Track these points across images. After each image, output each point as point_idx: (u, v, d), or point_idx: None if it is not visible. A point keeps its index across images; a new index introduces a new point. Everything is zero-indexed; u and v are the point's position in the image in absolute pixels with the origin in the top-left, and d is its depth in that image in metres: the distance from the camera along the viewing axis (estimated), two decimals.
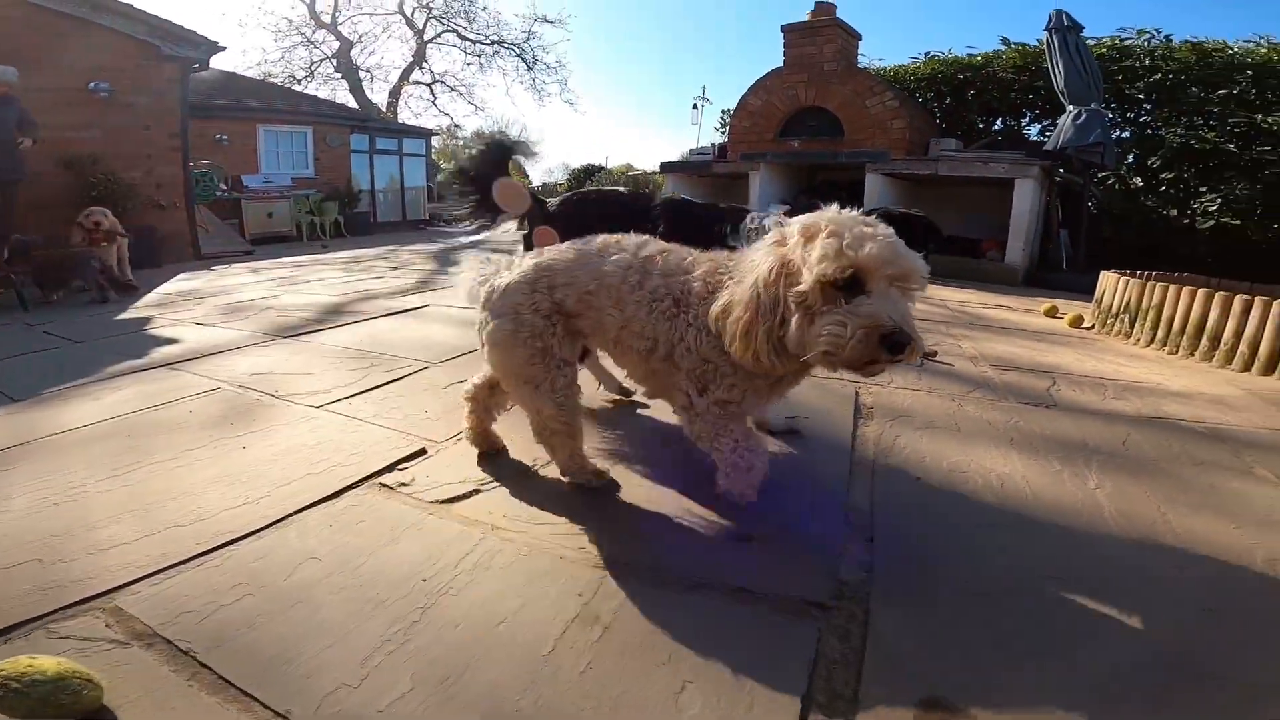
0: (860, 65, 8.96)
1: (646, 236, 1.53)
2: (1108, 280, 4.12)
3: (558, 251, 1.54)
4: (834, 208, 1.22)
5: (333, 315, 3.80)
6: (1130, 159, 7.29)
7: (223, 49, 10.28)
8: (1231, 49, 7.04)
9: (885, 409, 2.25)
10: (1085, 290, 4.76)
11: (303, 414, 2.13)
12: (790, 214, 1.49)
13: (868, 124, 8.10)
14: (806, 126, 8.76)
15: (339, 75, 22.85)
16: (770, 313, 1.19)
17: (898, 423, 2.12)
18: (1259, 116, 6.25)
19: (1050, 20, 6.75)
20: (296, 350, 2.97)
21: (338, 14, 22.53)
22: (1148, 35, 7.64)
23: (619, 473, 1.70)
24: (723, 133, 10.72)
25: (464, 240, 10.72)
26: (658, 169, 10.56)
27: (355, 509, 1.52)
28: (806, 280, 1.14)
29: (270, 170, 11.94)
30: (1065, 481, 1.71)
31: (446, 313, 3.93)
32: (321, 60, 22.69)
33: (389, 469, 1.72)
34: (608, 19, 65.05)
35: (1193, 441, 2.06)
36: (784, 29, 8.74)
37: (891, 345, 1.09)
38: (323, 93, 21.46)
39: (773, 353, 1.21)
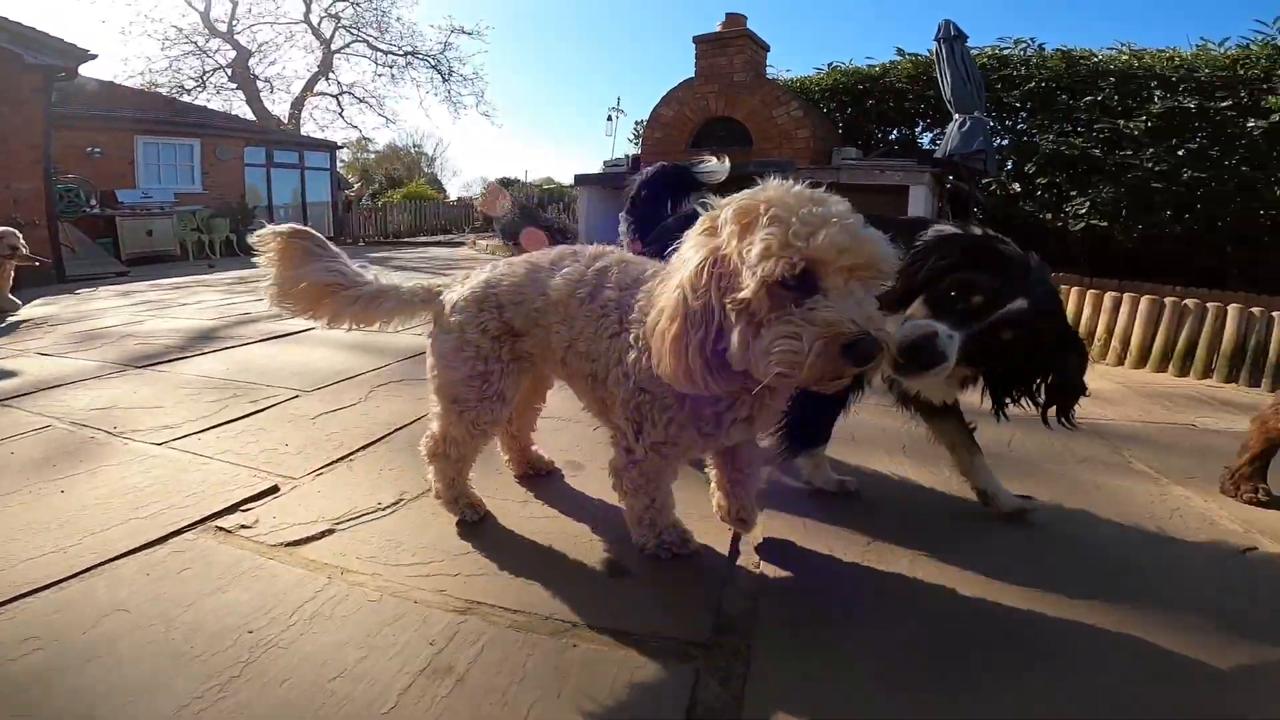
0: (769, 76, 9.19)
1: (609, 247, 1.35)
2: None
3: (509, 266, 1.39)
4: (775, 181, 0.99)
5: (201, 341, 3.48)
6: (1009, 165, 7.75)
7: (93, 57, 9.51)
8: (1097, 56, 7.60)
9: None
10: None
11: (140, 452, 1.88)
12: None
13: (775, 134, 8.30)
14: (716, 137, 8.90)
15: (234, 85, 21.60)
16: (703, 322, 0.97)
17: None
18: (1121, 122, 6.77)
19: (939, 30, 7.11)
20: (149, 381, 2.67)
21: (235, 23, 21.33)
22: (1024, 44, 8.17)
23: (496, 504, 1.57)
24: (637, 144, 10.75)
25: (372, 256, 10.27)
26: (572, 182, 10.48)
27: (180, 555, 1.35)
28: (749, 284, 0.92)
29: (150, 185, 11.07)
30: (954, 489, 1.70)
31: (332, 336, 3.64)
32: (215, 70, 21.40)
33: (230, 510, 1.54)
34: (523, 30, 64.79)
35: (1074, 438, 2.12)
36: (696, 40, 8.87)
37: (857, 355, 0.89)
38: (215, 104, 20.25)
39: (707, 370, 0.99)
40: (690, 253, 1.01)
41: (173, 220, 10.68)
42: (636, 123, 11.27)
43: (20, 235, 4.94)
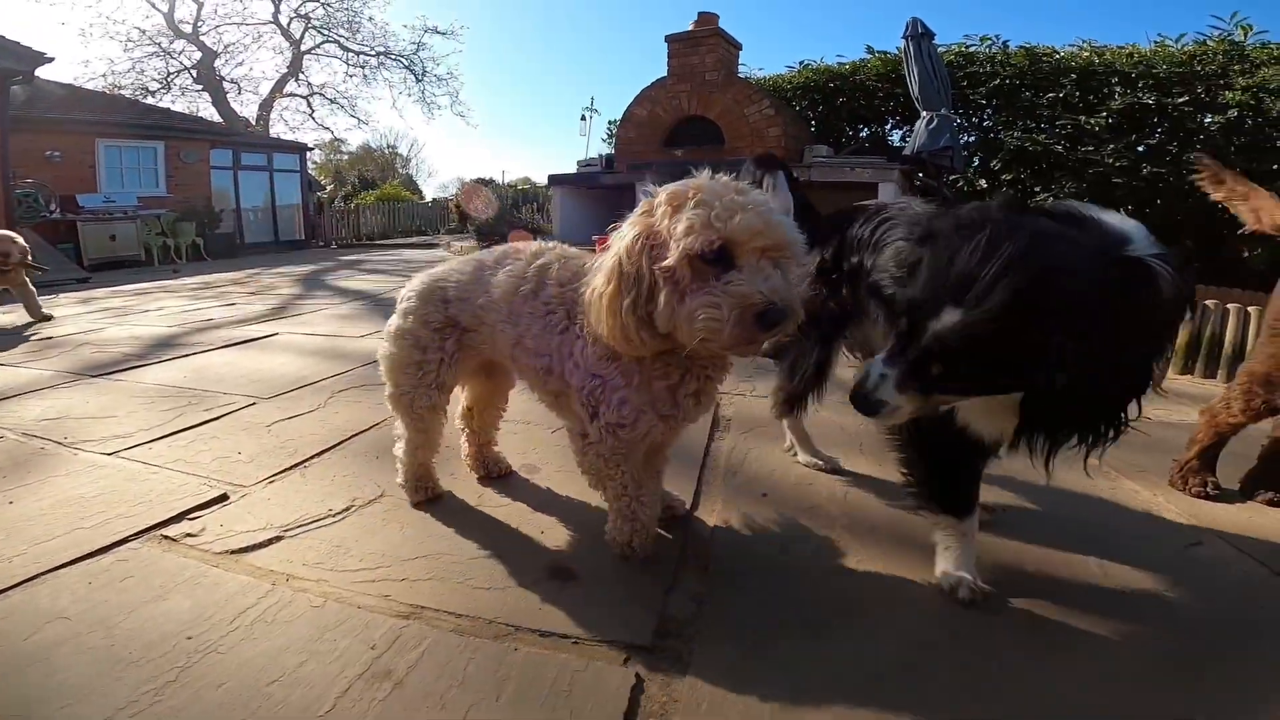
0: (741, 75, 9.24)
1: (551, 244, 1.42)
2: None
3: (460, 263, 1.47)
4: (705, 173, 1.12)
5: (159, 349, 3.41)
6: (975, 161, 7.88)
7: (50, 60, 9.33)
8: (1059, 53, 7.75)
9: (743, 420, 2.19)
10: None
11: (90, 462, 1.85)
12: None
13: (746, 132, 8.36)
14: (689, 136, 8.93)
15: (199, 87, 21.18)
16: (634, 285, 1.08)
17: (753, 434, 2.07)
18: (1082, 118, 6.91)
19: (906, 28, 7.21)
20: (103, 390, 2.62)
21: (200, 24, 20.89)
22: (989, 42, 8.31)
23: (448, 508, 1.58)
24: (611, 143, 10.74)
25: (344, 259, 10.15)
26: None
27: (123, 564, 1.35)
28: (673, 255, 1.04)
29: (113, 189, 10.80)
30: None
31: (295, 342, 3.60)
32: (179, 71, 20.96)
33: (176, 519, 1.52)
34: (498, 29, 64.38)
35: None
36: (668, 39, 8.89)
37: (766, 323, 1.01)
38: (180, 105, 19.85)
39: (641, 327, 1.10)
40: (627, 228, 1.12)
41: (136, 224, 10.45)
42: (610, 122, 11.28)
43: (18, 238, 4.34)
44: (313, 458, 1.88)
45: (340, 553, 1.38)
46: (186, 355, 3.23)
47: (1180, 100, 6.55)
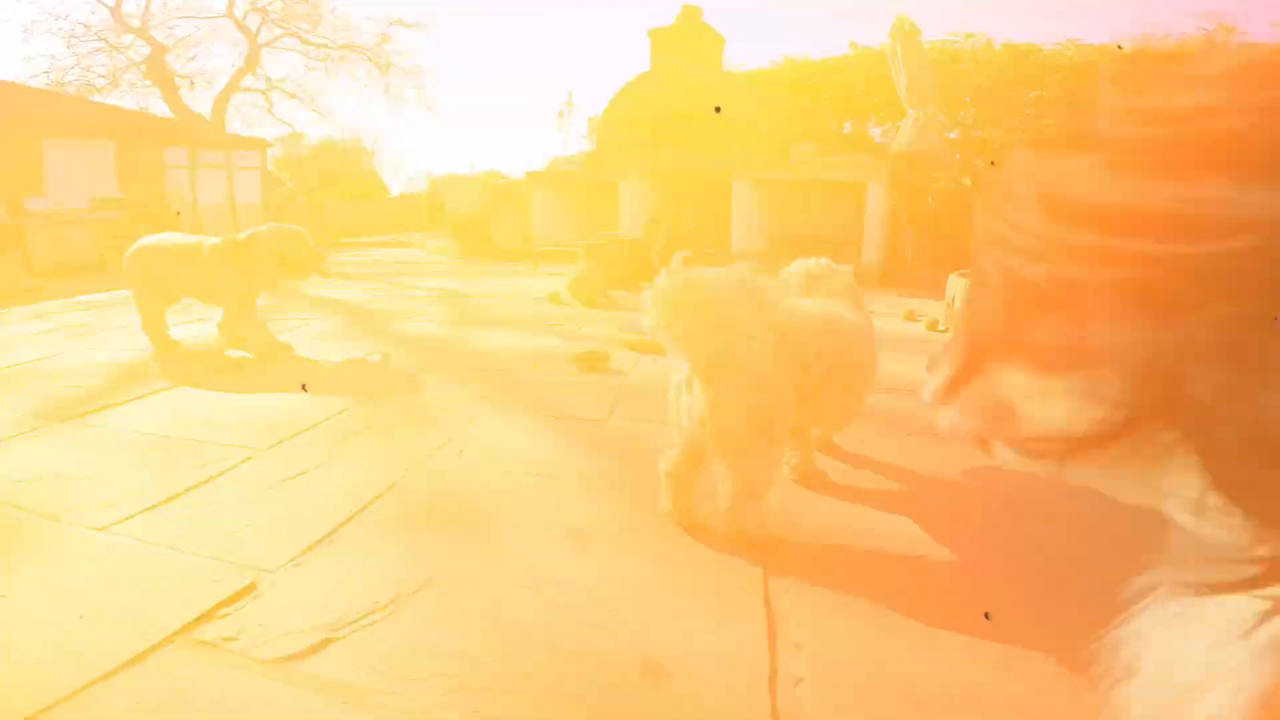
0: (725, 69, 9.09)
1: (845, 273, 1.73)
2: (955, 284, 4.27)
3: (792, 309, 1.60)
4: None
5: (131, 380, 3.06)
6: (959, 159, 7.87)
7: None
8: (1043, 51, 7.81)
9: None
10: (932, 286, 5.03)
11: (82, 541, 1.62)
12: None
13: (731, 128, 8.21)
14: (672, 132, 8.75)
15: (150, 83, 20.13)
16: None
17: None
18: None
19: (893, 25, 7.14)
20: (78, 441, 2.31)
21: (149, 18, 19.80)
22: (973, 39, 8.32)
23: (509, 592, 1.43)
24: (590, 140, 10.50)
25: None
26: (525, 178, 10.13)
27: (167, 678, 1.17)
28: None
29: (62, 190, 10.14)
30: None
31: (278, 370, 3.28)
32: (128, 66, 19.87)
33: (207, 617, 1.32)
34: (469, 18, 63.02)
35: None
36: (651, 32, 8.68)
37: None
38: (129, 102, 18.86)
39: None
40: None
41: (89, 228, 9.85)
42: (590, 119, 11.03)
43: (304, 233, 3.54)
44: (336, 530, 1.67)
45: (404, 657, 1.21)
46: (163, 390, 2.91)
47: None
